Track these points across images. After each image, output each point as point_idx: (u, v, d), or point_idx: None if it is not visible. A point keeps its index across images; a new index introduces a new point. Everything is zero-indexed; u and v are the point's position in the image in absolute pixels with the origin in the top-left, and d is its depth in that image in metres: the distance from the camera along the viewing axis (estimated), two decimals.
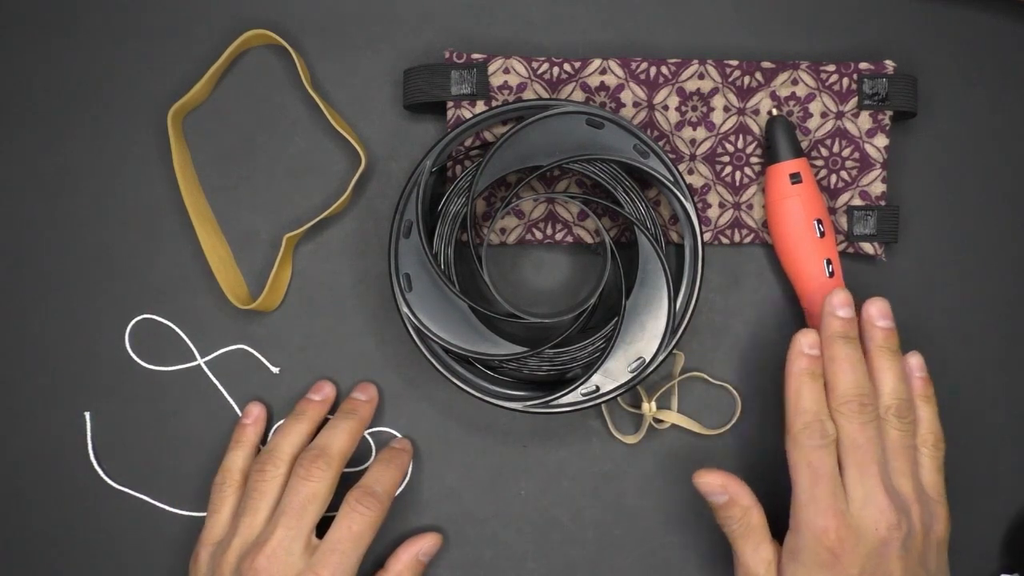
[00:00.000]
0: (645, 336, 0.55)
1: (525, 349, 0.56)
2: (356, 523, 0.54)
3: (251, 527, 0.55)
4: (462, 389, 0.56)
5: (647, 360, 0.55)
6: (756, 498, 0.55)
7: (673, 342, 0.55)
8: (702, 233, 0.56)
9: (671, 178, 0.56)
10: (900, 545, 0.51)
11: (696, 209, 0.56)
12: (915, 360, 0.56)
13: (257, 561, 0.53)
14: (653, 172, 0.55)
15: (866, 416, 0.53)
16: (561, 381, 0.57)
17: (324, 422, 0.59)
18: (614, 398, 0.56)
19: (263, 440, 0.60)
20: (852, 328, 0.55)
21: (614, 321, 0.56)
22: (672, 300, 0.56)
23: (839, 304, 0.55)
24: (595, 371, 0.55)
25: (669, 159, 0.55)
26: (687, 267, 0.56)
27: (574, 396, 0.55)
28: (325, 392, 0.60)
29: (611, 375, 0.55)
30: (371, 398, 0.60)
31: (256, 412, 0.60)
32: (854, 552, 0.51)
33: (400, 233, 0.55)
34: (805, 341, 0.54)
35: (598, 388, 0.55)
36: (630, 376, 0.55)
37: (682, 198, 0.56)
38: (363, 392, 0.60)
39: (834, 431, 0.53)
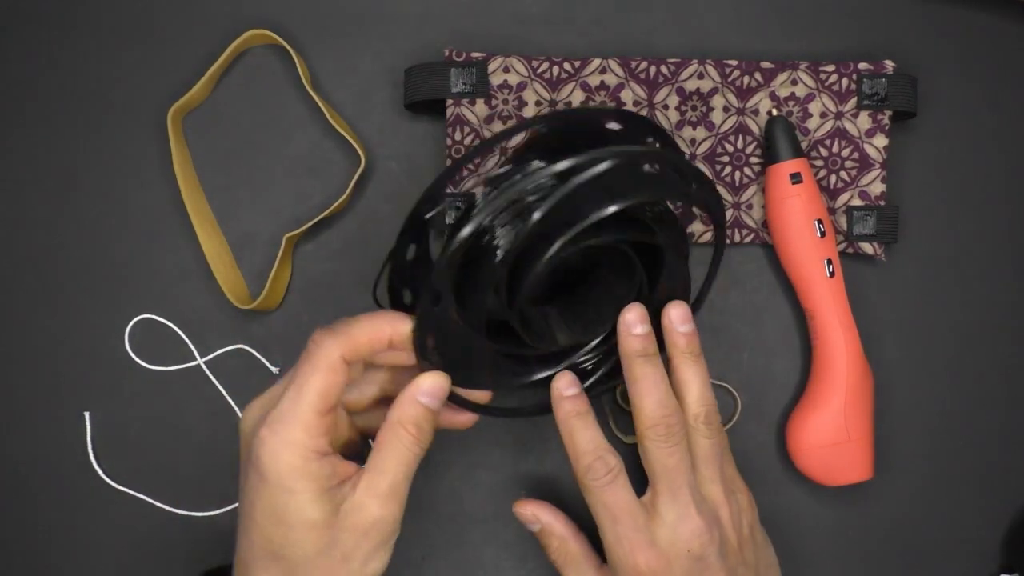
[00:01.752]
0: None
1: (551, 371, 0.53)
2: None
3: None
4: (474, 409, 0.53)
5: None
6: (575, 528, 0.55)
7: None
8: (723, 247, 0.55)
9: (719, 217, 0.52)
10: (717, 555, 0.51)
11: (724, 229, 0.54)
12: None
13: None
14: (698, 208, 0.53)
15: (674, 438, 0.51)
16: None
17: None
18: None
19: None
20: (650, 344, 0.51)
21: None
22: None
23: (634, 321, 0.51)
24: (608, 365, 0.55)
25: (717, 194, 0.52)
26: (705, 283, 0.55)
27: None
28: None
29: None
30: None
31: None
32: None
33: (429, 301, 0.47)
34: (561, 385, 0.52)
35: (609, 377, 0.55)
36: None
37: (718, 227, 0.53)
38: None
39: (617, 462, 0.51)
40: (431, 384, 0.49)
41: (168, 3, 0.61)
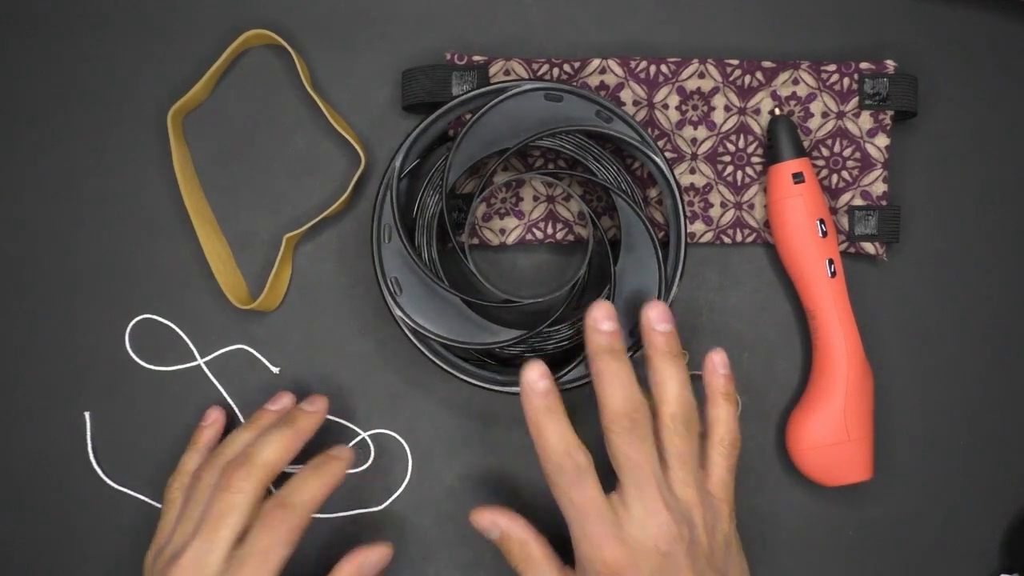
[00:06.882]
0: (641, 300, 0.55)
1: (524, 331, 0.55)
2: (266, 536, 0.52)
3: (183, 534, 0.54)
4: (468, 382, 0.55)
5: None
6: (535, 531, 0.53)
7: (669, 299, 0.55)
8: (680, 187, 0.55)
9: (638, 137, 0.55)
10: (685, 554, 0.50)
11: (669, 165, 0.55)
12: (719, 357, 0.54)
13: (172, 572, 0.52)
14: (618, 135, 0.55)
15: (639, 432, 0.50)
16: (564, 362, 0.57)
17: None
18: None
19: None
20: (616, 341, 0.51)
21: (607, 288, 0.55)
22: (660, 257, 0.55)
23: (601, 318, 0.51)
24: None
25: (631, 119, 0.55)
26: (670, 222, 0.56)
27: (580, 370, 0.55)
28: (283, 403, 0.59)
29: None
30: (317, 411, 0.57)
31: (214, 416, 0.59)
32: (637, 574, 0.50)
33: (381, 238, 0.55)
34: (532, 376, 0.51)
35: None
36: (632, 341, 0.55)
37: (653, 155, 0.55)
38: (310, 404, 0.57)
39: (586, 460, 0.50)
40: (378, 556, 0.56)
41: (168, 3, 0.61)
